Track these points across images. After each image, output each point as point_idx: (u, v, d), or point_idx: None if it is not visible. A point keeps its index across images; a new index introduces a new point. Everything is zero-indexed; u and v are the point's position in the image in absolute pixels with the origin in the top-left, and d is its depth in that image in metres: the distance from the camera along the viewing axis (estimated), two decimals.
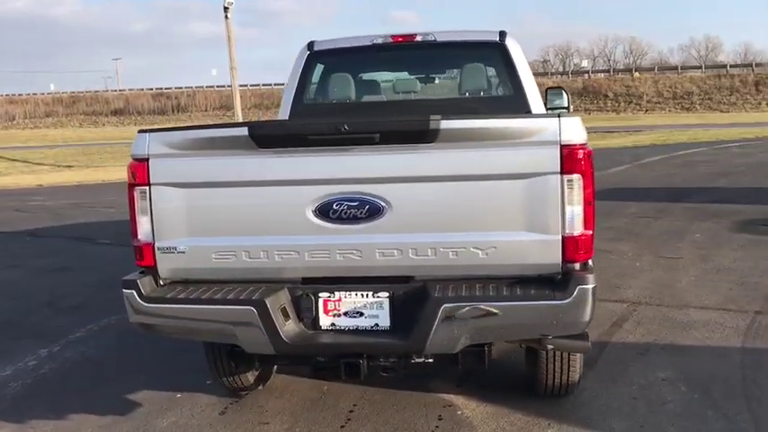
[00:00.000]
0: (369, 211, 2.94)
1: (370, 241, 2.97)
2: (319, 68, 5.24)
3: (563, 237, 2.89)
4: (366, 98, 5.35)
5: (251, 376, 3.99)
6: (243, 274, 3.11)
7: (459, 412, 3.74)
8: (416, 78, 5.38)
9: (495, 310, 2.81)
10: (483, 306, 2.82)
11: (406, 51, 5.25)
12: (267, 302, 2.96)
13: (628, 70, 59.62)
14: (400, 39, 5.12)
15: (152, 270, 3.14)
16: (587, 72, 59.03)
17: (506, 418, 3.62)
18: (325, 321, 3.09)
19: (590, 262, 2.97)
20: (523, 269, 2.95)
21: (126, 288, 3.09)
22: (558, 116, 2.86)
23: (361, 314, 3.07)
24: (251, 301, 2.97)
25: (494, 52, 5.07)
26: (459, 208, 2.93)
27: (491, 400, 3.83)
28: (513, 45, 5.00)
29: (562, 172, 2.84)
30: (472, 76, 5.15)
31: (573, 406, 3.73)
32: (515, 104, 4.92)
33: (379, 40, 5.10)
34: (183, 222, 3.09)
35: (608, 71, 60.78)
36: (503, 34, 5.06)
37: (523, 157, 2.87)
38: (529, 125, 2.88)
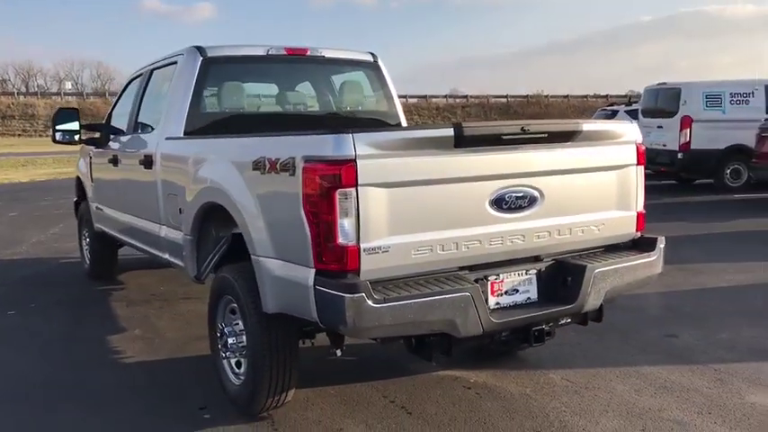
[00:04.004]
0: (529, 200, 3.47)
1: (531, 226, 3.49)
2: (214, 76, 5.03)
3: (637, 212, 3.91)
4: (263, 109, 5.35)
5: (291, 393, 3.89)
6: (434, 267, 3.26)
7: (476, 380, 4.37)
8: (304, 92, 5.60)
9: (628, 268, 3.68)
10: (620, 266, 3.65)
11: (297, 64, 5.44)
12: (479, 287, 3.24)
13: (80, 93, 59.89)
14: (293, 52, 5.31)
15: (353, 272, 3.05)
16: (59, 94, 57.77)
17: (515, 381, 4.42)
18: (492, 301, 3.47)
19: None
20: (616, 239, 3.87)
21: (347, 293, 2.94)
22: (633, 122, 3.88)
23: (517, 291, 3.55)
24: (466, 288, 3.19)
25: (370, 70, 5.68)
26: (585, 194, 3.70)
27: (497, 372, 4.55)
28: (382, 65, 5.71)
29: (637, 164, 3.87)
30: (355, 91, 5.66)
31: None
32: (391, 117, 5.66)
33: (274, 51, 5.20)
34: (386, 222, 3.09)
35: (80, 94, 60.32)
36: (374, 55, 5.72)
37: (619, 153, 3.80)
38: (622, 129, 3.82)
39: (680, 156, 13.47)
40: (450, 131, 3.16)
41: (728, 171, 13.74)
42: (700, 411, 3.89)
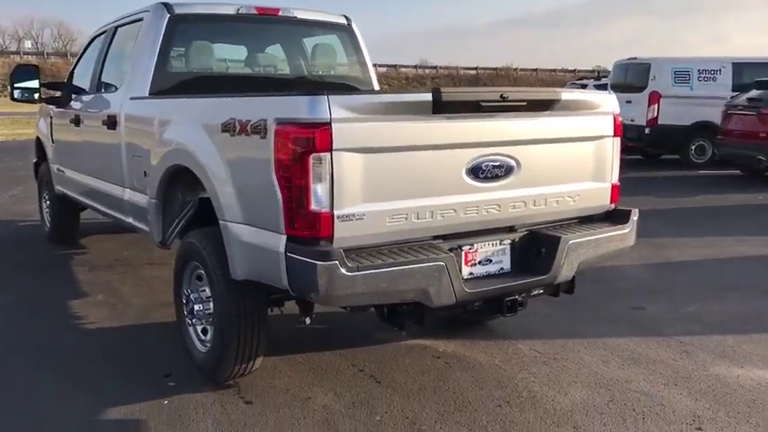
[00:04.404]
0: (506, 169, 3.42)
1: (506, 196, 3.44)
2: (181, 35, 4.86)
3: (612, 184, 3.89)
4: (232, 71, 5.19)
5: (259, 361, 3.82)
6: (409, 235, 3.20)
7: (445, 349, 4.36)
8: (275, 54, 5.45)
9: (602, 240, 3.66)
10: (594, 238, 3.63)
11: (268, 25, 5.28)
12: (453, 256, 3.19)
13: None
14: (264, 11, 5.15)
15: (326, 240, 2.97)
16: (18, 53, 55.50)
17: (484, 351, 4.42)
18: (465, 271, 3.42)
19: None
20: (590, 211, 3.85)
21: (320, 260, 2.86)
22: (611, 92, 3.83)
23: (490, 261, 3.51)
24: (440, 258, 3.14)
25: (344, 34, 5.55)
26: (561, 165, 3.65)
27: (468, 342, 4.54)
28: (356, 29, 5.58)
29: (614, 135, 3.83)
30: (327, 56, 5.52)
31: None
32: (364, 84, 5.55)
33: (244, 10, 5.04)
34: (360, 189, 3.01)
35: (41, 54, 58.00)
36: (348, 18, 5.58)
37: (596, 124, 3.76)
38: (600, 100, 3.77)
39: (647, 131, 13.58)
40: (428, 97, 3.07)
41: (694, 147, 13.91)
42: (666, 383, 3.93)
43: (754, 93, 12.13)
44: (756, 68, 13.46)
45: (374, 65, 5.81)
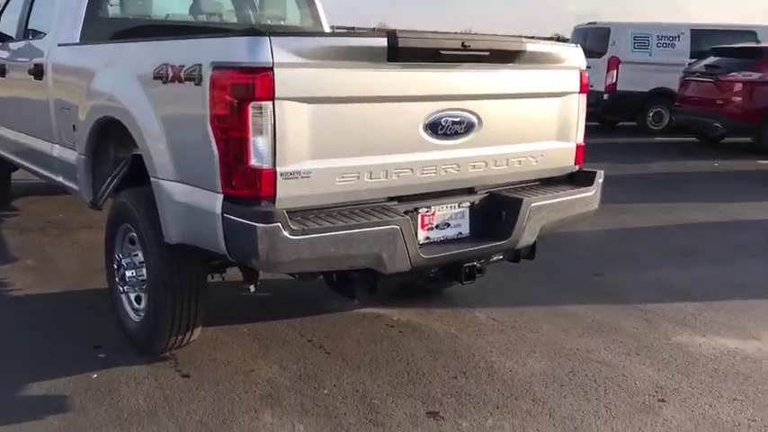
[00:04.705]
0: (466, 126, 3.16)
1: (467, 155, 3.19)
2: None
3: (576, 144, 3.67)
4: (174, 18, 4.79)
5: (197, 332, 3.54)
6: (361, 196, 2.93)
7: (399, 318, 4.14)
8: (221, 2, 5.06)
9: (565, 203, 3.44)
10: (557, 201, 3.42)
11: None
12: (409, 219, 2.93)
13: None
14: None
15: (267, 200, 2.67)
16: None
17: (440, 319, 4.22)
18: (421, 235, 3.17)
19: None
20: (553, 172, 3.63)
21: (260, 222, 2.57)
22: (577, 45, 3.59)
23: (448, 225, 3.26)
24: (395, 220, 2.88)
25: None
26: (525, 122, 3.41)
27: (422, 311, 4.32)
28: None
29: (580, 92, 3.60)
30: (278, 6, 5.17)
31: None
32: None
33: None
34: (307, 143, 2.71)
35: None
36: None
37: (562, 79, 3.52)
38: (567, 53, 3.52)
39: (605, 97, 13.48)
40: (383, 42, 2.78)
41: (651, 114, 13.87)
42: (627, 352, 3.78)
43: (711, 59, 12.10)
44: (714, 35, 13.43)
45: (332, 27, 5.45)
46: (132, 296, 3.58)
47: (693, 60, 12.93)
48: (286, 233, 2.59)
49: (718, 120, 11.31)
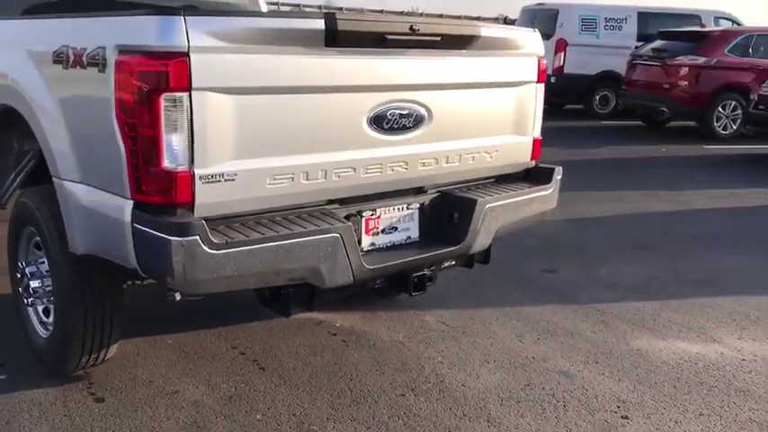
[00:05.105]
0: (415, 120, 2.83)
1: (416, 151, 2.86)
2: None
3: (533, 138, 3.37)
4: None
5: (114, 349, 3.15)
6: (296, 200, 2.57)
7: (342, 324, 3.82)
8: None
9: (522, 203, 3.15)
10: (514, 201, 3.12)
11: None
12: (351, 226, 2.59)
13: None
14: None
15: (184, 207, 2.29)
16: None
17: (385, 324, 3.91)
18: (366, 242, 2.84)
19: None
20: (508, 168, 3.33)
21: (175, 234, 2.19)
22: (535, 30, 3.28)
23: (396, 229, 2.94)
24: (335, 228, 2.53)
25: None
26: (479, 114, 3.09)
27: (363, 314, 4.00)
28: None
29: (537, 81, 3.30)
30: None
31: None
32: None
33: None
34: (231, 141, 2.34)
35: None
36: None
37: (519, 67, 3.21)
38: (524, 38, 3.21)
39: (553, 80, 13.31)
40: (320, 24, 2.42)
41: (598, 97, 13.79)
42: (585, 360, 3.54)
43: (658, 43, 12.05)
44: (660, 19, 13.40)
45: (276, 3, 5.02)
46: (40, 308, 3.16)
47: (640, 44, 12.86)
48: (206, 247, 2.21)
49: (665, 104, 11.27)
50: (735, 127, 11.20)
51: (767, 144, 10.08)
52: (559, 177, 3.41)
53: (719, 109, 11.13)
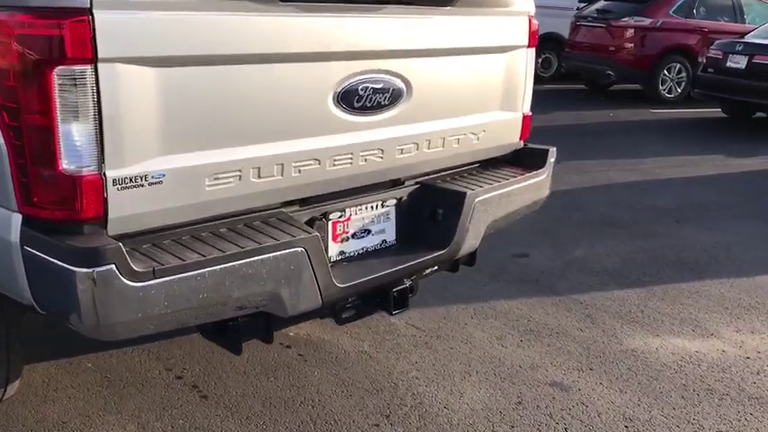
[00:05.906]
0: (392, 95, 2.26)
1: (394, 135, 2.30)
2: None
3: (523, 114, 2.86)
4: None
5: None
6: (245, 204, 1.98)
7: (297, 333, 3.27)
8: None
9: (515, 192, 2.64)
10: (506, 191, 2.61)
11: None
12: (318, 236, 2.01)
13: None
14: None
15: (93, 223, 1.68)
16: None
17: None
18: (333, 250, 2.27)
19: None
20: (496, 151, 2.81)
21: (81, 264, 1.57)
22: None
23: (369, 232, 2.39)
24: (298, 240, 1.95)
25: None
26: (465, 87, 2.55)
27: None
28: None
29: (528, 45, 2.77)
30: None
31: None
32: None
33: None
34: (155, 130, 1.72)
35: None
36: None
37: (508, 28, 2.67)
38: None
39: None
40: None
41: (540, 60, 13.38)
42: (579, 367, 3.10)
43: (602, 4, 11.69)
44: None
45: None
46: None
47: (584, 4, 12.49)
48: (124, 279, 1.61)
49: (610, 67, 10.95)
50: (680, 90, 10.99)
51: (713, 108, 9.90)
52: (552, 160, 2.91)
53: (665, 72, 10.89)
